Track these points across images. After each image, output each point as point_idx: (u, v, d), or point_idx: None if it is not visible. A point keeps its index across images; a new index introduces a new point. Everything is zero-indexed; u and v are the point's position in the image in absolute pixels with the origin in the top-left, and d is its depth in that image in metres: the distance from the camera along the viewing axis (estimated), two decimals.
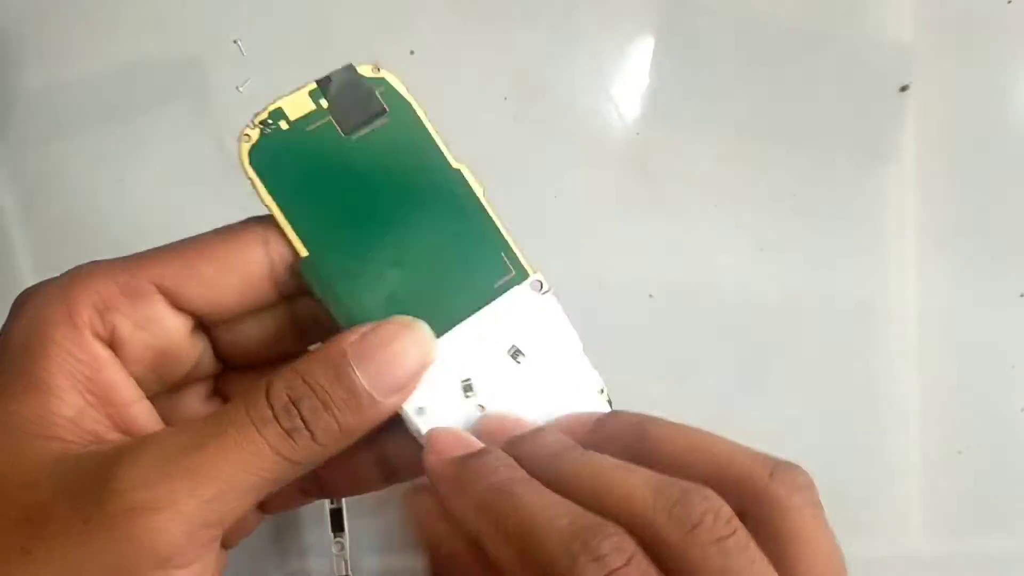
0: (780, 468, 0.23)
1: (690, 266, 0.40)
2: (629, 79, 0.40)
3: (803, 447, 0.40)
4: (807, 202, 0.40)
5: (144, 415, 0.23)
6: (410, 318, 0.23)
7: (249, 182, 0.24)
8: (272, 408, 0.21)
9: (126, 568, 0.20)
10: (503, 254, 0.25)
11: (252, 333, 0.25)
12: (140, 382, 0.23)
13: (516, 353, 0.25)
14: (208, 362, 0.25)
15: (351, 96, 0.25)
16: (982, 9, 0.40)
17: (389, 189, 0.24)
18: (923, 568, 0.39)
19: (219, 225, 0.24)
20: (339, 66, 0.26)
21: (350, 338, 0.22)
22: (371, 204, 0.24)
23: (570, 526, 0.19)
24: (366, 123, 0.25)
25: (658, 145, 0.40)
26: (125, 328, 0.22)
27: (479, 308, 0.25)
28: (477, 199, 0.25)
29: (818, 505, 0.23)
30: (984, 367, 0.39)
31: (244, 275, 0.23)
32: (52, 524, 0.20)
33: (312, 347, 0.24)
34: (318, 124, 0.25)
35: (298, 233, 0.24)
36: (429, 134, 0.25)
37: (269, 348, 0.25)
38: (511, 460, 0.22)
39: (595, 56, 0.40)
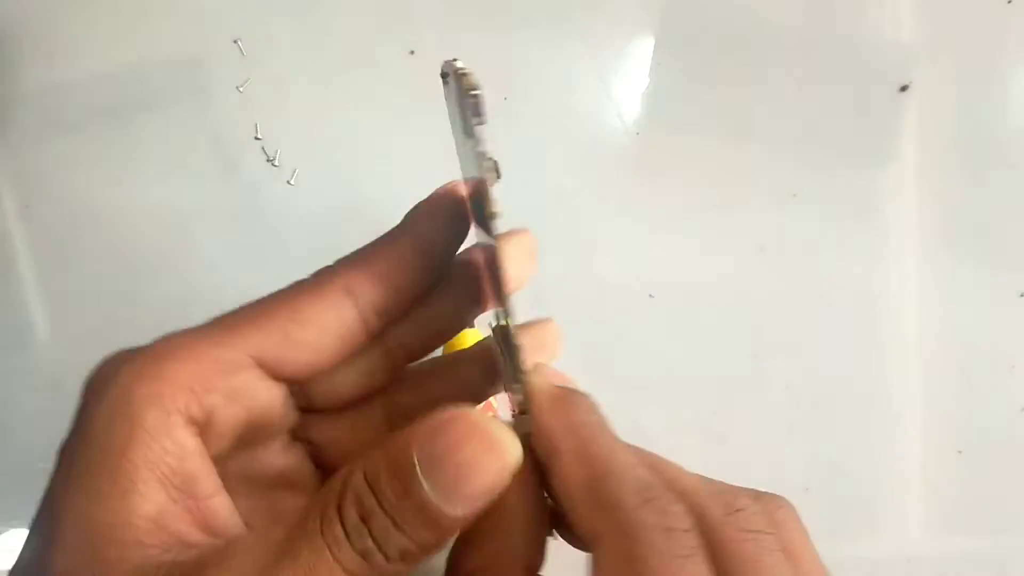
0: (739, 508, 0.21)
1: (690, 266, 0.40)
2: (629, 79, 0.40)
3: (803, 447, 0.40)
4: (807, 202, 0.40)
5: (224, 510, 0.22)
6: (489, 416, 0.20)
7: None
8: (344, 526, 0.19)
9: None
10: None
11: (347, 381, 0.24)
12: (223, 452, 0.22)
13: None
14: (292, 415, 0.24)
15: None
16: (982, 9, 0.40)
17: None
18: (923, 568, 0.39)
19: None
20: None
21: (419, 433, 0.19)
22: None
23: (647, 479, 0.19)
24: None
25: (658, 145, 0.40)
26: (219, 405, 0.21)
27: None
28: None
29: (774, 552, 0.20)
30: (984, 367, 0.39)
31: (340, 334, 0.22)
32: None
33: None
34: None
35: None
36: None
37: (360, 390, 0.24)
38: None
39: (595, 56, 0.40)
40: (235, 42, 0.40)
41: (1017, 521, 0.39)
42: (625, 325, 0.40)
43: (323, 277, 0.22)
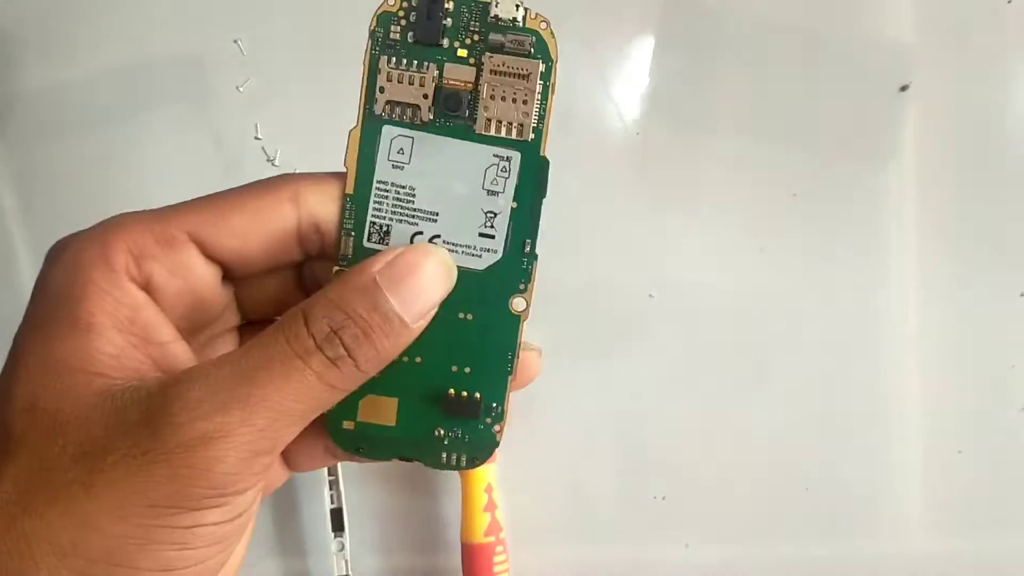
0: None
1: (690, 266, 0.40)
2: (629, 79, 0.40)
3: (803, 447, 0.40)
4: (807, 202, 0.40)
5: (183, 354, 0.24)
6: (432, 245, 0.24)
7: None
8: (314, 338, 0.22)
9: (185, 496, 0.21)
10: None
11: (271, 288, 0.26)
12: (178, 324, 0.24)
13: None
14: (232, 314, 0.26)
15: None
16: (982, 9, 0.40)
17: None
18: (923, 568, 0.39)
19: None
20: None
21: (376, 265, 0.22)
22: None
23: None
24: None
25: (658, 145, 0.40)
26: (160, 274, 0.23)
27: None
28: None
29: None
30: (984, 367, 0.39)
31: (273, 229, 0.24)
32: (110, 457, 0.21)
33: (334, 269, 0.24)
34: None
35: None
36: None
37: (283, 305, 0.26)
38: None
39: (595, 56, 0.40)
40: (235, 42, 0.40)
41: (1017, 521, 0.39)
42: (625, 325, 0.40)
43: (276, 179, 0.24)
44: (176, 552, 0.21)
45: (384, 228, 0.24)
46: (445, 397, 0.25)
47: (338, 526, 0.38)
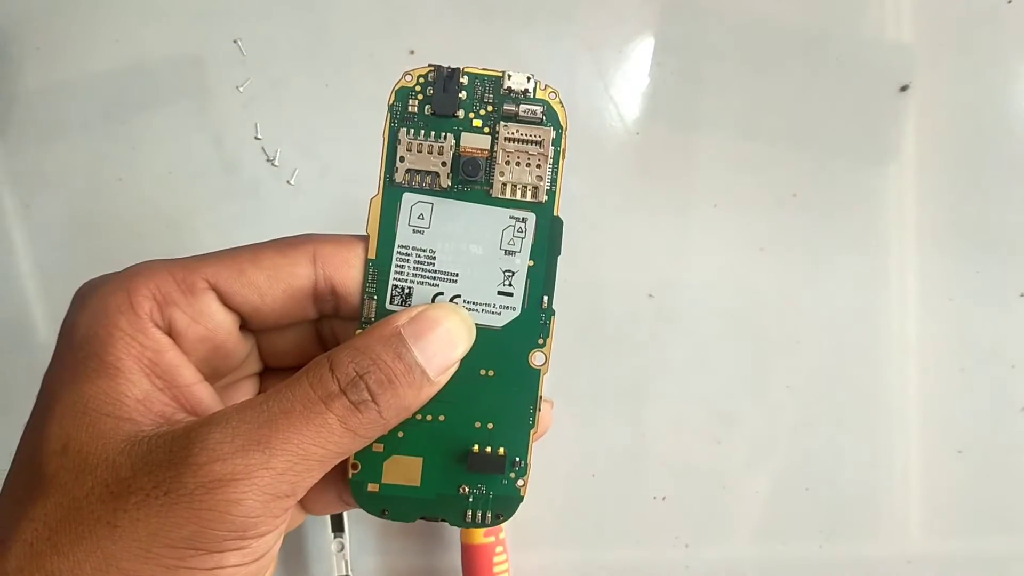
0: None
1: (690, 266, 0.40)
2: (629, 79, 0.40)
3: (803, 447, 0.40)
4: (807, 202, 0.40)
5: (207, 395, 0.24)
6: (453, 304, 0.25)
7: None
8: (339, 383, 0.22)
9: (206, 538, 0.21)
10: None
11: (291, 339, 0.27)
12: (200, 368, 0.25)
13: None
14: (254, 361, 0.27)
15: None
16: (982, 9, 0.40)
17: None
18: (923, 568, 0.39)
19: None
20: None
21: (401, 319, 0.23)
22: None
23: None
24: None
25: (658, 145, 0.40)
26: (181, 320, 0.24)
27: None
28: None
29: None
30: (984, 367, 0.39)
31: (289, 287, 0.25)
32: (134, 497, 0.21)
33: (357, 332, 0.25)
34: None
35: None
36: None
37: (303, 354, 0.27)
38: None
39: (595, 56, 0.40)
40: (235, 42, 0.40)
41: (1017, 521, 0.39)
42: (625, 325, 0.40)
43: (297, 239, 0.25)
44: None
45: (406, 290, 0.25)
46: (469, 454, 0.25)
47: (338, 526, 0.38)
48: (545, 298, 0.26)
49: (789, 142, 0.40)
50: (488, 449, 0.26)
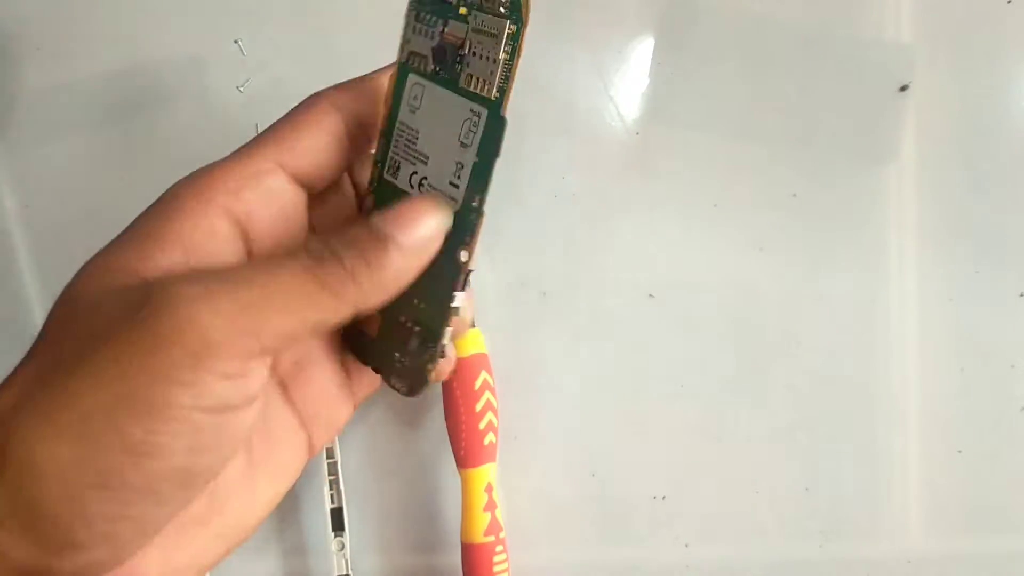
0: None
1: (690, 266, 0.40)
2: (629, 79, 0.40)
3: (803, 447, 0.40)
4: (807, 202, 0.40)
5: None
6: (433, 193, 0.26)
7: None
8: (306, 247, 0.24)
9: (163, 361, 0.21)
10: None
11: (339, 204, 0.29)
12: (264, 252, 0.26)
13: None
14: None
15: None
16: (982, 9, 0.40)
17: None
18: (923, 568, 0.39)
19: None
20: None
21: (380, 213, 0.25)
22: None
23: None
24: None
25: (658, 145, 0.40)
26: (255, 203, 0.26)
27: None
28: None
29: None
30: (984, 367, 0.39)
31: (334, 137, 0.27)
32: (109, 330, 0.21)
33: None
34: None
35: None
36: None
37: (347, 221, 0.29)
38: None
39: (595, 56, 0.40)
40: (235, 42, 0.40)
41: (1017, 521, 0.39)
42: (625, 325, 0.40)
43: (312, 99, 0.28)
44: (143, 435, 0.21)
45: (396, 164, 0.27)
46: (400, 325, 0.27)
47: (338, 526, 0.38)
48: (478, 199, 0.25)
49: (789, 142, 0.40)
50: (410, 324, 0.27)
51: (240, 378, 0.22)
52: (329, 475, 0.38)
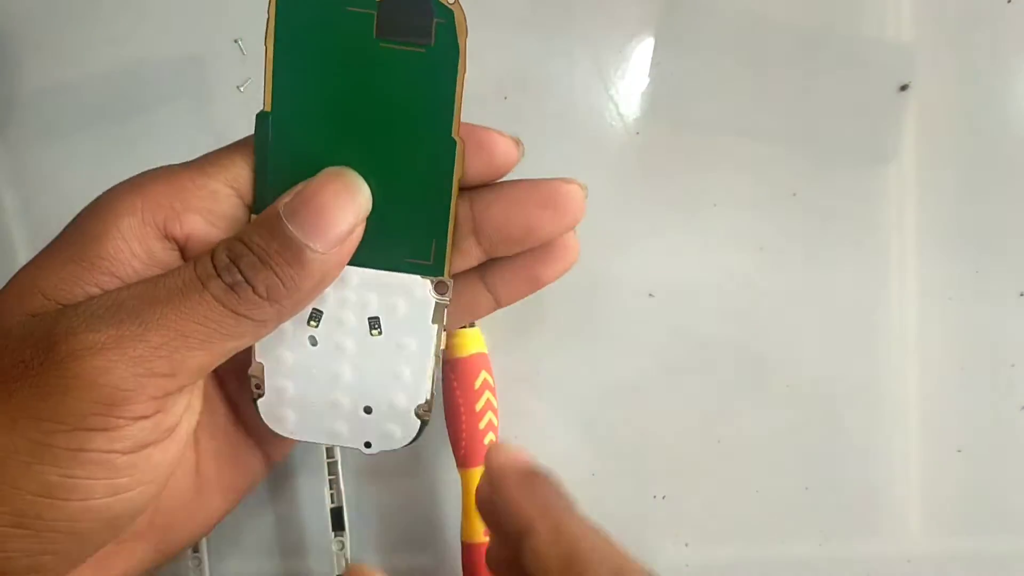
0: None
1: (690, 266, 0.40)
2: (629, 79, 0.40)
3: (803, 447, 0.40)
4: (807, 202, 0.40)
5: None
6: (340, 168, 0.24)
7: (268, 15, 0.23)
8: (216, 268, 0.22)
9: (70, 411, 0.20)
10: (435, 241, 0.25)
11: None
12: None
13: (374, 324, 0.25)
14: None
15: (407, 7, 0.23)
16: (982, 9, 0.40)
17: (380, 111, 0.24)
18: (923, 568, 0.39)
19: None
20: None
21: (284, 199, 0.23)
22: (355, 111, 0.24)
23: (619, 564, 0.21)
24: (402, 40, 0.23)
25: (658, 145, 0.40)
26: (200, 227, 0.23)
27: (377, 266, 0.25)
28: (451, 179, 0.24)
29: None
30: (984, 367, 0.39)
31: None
32: (14, 369, 0.21)
33: None
34: (358, 9, 0.23)
35: (274, 86, 0.24)
36: (453, 91, 0.24)
37: None
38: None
39: (595, 56, 0.40)
40: (235, 42, 0.40)
41: (1017, 521, 0.39)
42: (625, 325, 0.40)
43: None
44: (59, 478, 0.20)
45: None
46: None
47: (338, 526, 0.38)
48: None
49: (789, 142, 0.40)
50: None
51: (157, 415, 0.21)
52: (329, 475, 0.38)
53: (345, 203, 0.23)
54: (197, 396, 0.24)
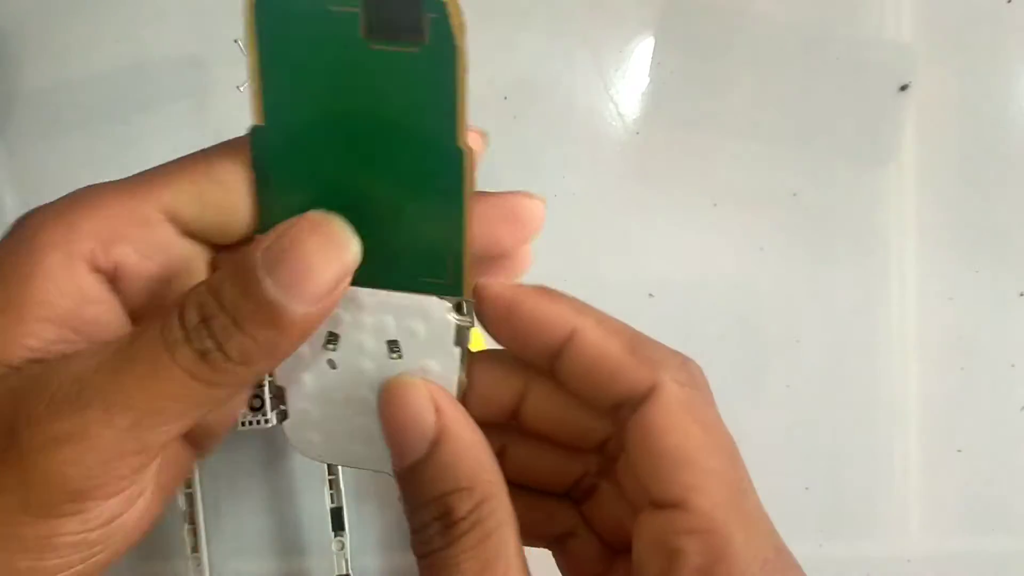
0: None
1: (690, 266, 0.40)
2: (629, 79, 0.40)
3: (803, 447, 0.40)
4: (807, 202, 0.40)
5: None
6: (325, 213, 0.21)
7: (245, 24, 0.21)
8: (184, 329, 0.19)
9: (39, 504, 0.19)
10: (450, 258, 0.23)
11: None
12: (147, 310, 0.22)
13: (393, 347, 0.23)
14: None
15: (395, 3, 0.20)
16: (982, 9, 0.40)
17: (379, 120, 0.21)
18: (923, 568, 0.39)
19: None
20: None
21: (264, 242, 0.19)
22: (353, 121, 0.21)
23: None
24: (393, 40, 0.21)
25: (658, 145, 0.40)
26: (131, 259, 0.21)
27: (392, 287, 0.23)
28: (461, 191, 0.22)
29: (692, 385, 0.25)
30: (984, 367, 0.39)
31: (247, 179, 0.22)
32: None
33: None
34: (343, 8, 0.21)
35: (264, 97, 0.21)
36: (454, 94, 0.21)
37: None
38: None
39: (595, 56, 0.40)
40: (235, 42, 0.40)
41: (1017, 521, 0.39)
42: None
43: (241, 139, 0.22)
44: (32, 563, 0.19)
45: None
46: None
47: (338, 526, 0.38)
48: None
49: (789, 142, 0.40)
50: None
51: (129, 488, 0.20)
52: (329, 475, 0.38)
53: (330, 257, 0.20)
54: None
